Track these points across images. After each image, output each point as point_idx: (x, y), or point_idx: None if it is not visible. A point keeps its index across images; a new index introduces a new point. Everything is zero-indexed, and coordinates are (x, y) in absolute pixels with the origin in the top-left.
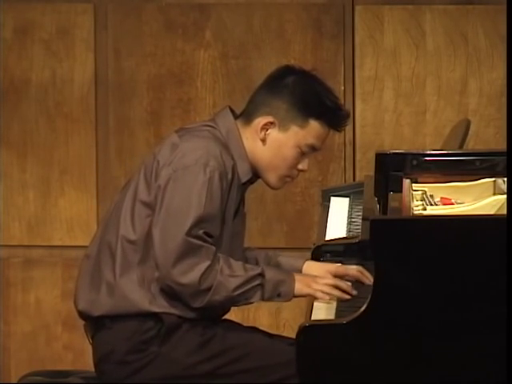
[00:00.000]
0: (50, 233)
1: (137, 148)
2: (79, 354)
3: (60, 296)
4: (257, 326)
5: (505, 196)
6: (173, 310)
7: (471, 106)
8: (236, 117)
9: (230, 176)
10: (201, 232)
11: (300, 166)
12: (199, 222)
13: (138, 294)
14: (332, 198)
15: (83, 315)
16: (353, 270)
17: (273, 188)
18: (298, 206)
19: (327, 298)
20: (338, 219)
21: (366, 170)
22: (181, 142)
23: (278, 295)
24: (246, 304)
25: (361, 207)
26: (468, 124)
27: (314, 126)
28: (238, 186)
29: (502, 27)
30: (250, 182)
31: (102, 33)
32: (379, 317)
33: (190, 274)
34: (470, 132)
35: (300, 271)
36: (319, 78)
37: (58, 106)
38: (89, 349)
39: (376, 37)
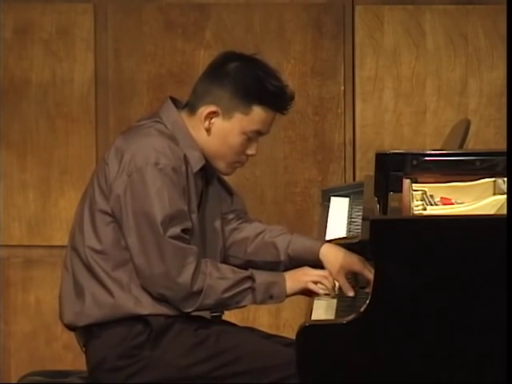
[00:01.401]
0: (49, 233)
1: None
2: (79, 354)
3: None
4: (257, 326)
5: (505, 196)
6: (159, 309)
7: (471, 106)
8: (181, 107)
9: (183, 167)
10: (178, 231)
11: (248, 151)
12: (170, 219)
13: (120, 298)
14: (332, 198)
15: (70, 327)
16: (369, 273)
17: (223, 174)
18: (297, 206)
19: (321, 291)
20: (338, 219)
21: (366, 169)
22: (127, 145)
23: (271, 297)
24: (237, 307)
25: (361, 207)
26: (468, 124)
27: (258, 111)
28: (193, 174)
29: (502, 27)
30: (206, 167)
31: (102, 33)
32: (379, 317)
33: (182, 275)
34: (470, 132)
35: (317, 255)
36: (261, 61)
37: (58, 106)
38: None
39: (376, 37)
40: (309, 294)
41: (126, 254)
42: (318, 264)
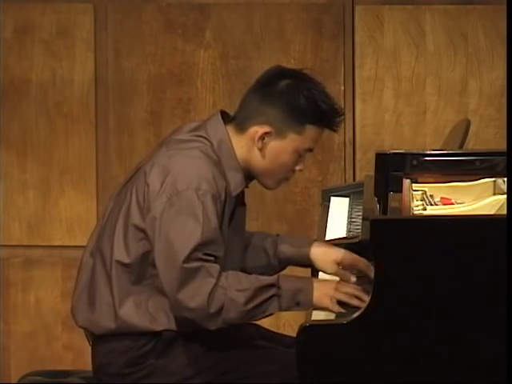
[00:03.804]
0: (49, 233)
1: (137, 148)
2: (79, 354)
3: (60, 296)
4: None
5: (505, 196)
6: (173, 325)
7: (471, 106)
8: (227, 121)
9: (223, 197)
10: (200, 254)
11: (297, 168)
12: (199, 246)
13: (136, 317)
14: (332, 198)
15: (83, 329)
16: (362, 262)
17: (269, 189)
18: (297, 206)
19: (342, 311)
20: (338, 219)
21: (366, 169)
22: (171, 165)
23: (297, 304)
24: (265, 316)
25: (361, 207)
26: (468, 124)
27: (311, 130)
28: (231, 198)
29: (502, 27)
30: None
31: (102, 33)
32: (379, 317)
33: (197, 297)
34: (470, 132)
35: (307, 257)
36: (311, 77)
37: (57, 106)
38: (89, 349)
39: (376, 37)
40: None
41: (151, 270)
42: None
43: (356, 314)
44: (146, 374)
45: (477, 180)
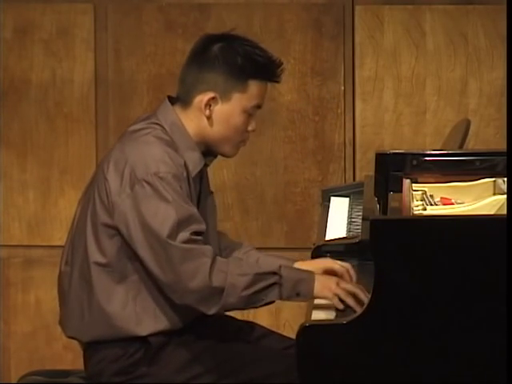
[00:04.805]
0: (50, 233)
1: None
2: (79, 354)
3: None
4: None
5: (505, 196)
6: (160, 327)
7: (471, 106)
8: (173, 102)
9: (185, 175)
10: (187, 235)
11: (250, 128)
12: (178, 226)
13: (122, 318)
14: (332, 198)
15: (73, 338)
16: (341, 268)
17: (229, 157)
18: (297, 206)
19: (341, 306)
20: (338, 219)
21: (366, 169)
22: (126, 157)
23: (298, 294)
24: (265, 304)
25: (361, 207)
26: (468, 124)
27: (254, 86)
28: (192, 178)
29: (501, 27)
30: (205, 165)
31: (102, 33)
32: (379, 317)
33: (197, 277)
34: (470, 132)
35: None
36: (242, 36)
37: (57, 106)
38: None
39: (376, 37)
40: None
41: (131, 265)
42: None
43: (356, 314)
44: (138, 381)
45: (477, 180)
